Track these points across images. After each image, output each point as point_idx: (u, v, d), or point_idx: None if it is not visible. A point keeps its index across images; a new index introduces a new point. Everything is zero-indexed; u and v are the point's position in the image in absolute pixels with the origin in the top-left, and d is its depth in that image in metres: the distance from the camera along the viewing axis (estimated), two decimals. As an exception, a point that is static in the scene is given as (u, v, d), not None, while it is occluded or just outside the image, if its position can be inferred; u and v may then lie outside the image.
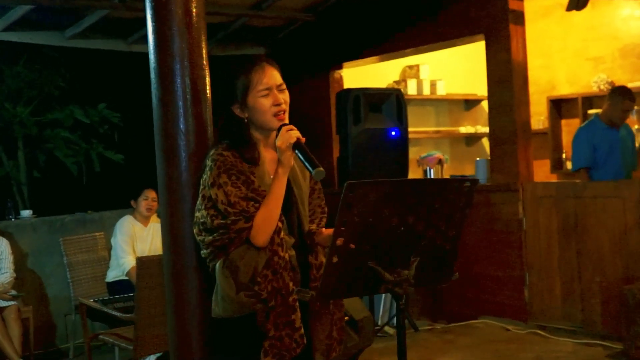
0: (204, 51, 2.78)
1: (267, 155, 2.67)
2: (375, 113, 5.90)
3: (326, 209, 2.81)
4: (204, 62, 2.78)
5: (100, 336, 4.49)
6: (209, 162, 2.57)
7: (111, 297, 5.40)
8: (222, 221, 2.50)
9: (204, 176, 2.57)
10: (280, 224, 2.57)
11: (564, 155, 8.23)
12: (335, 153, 6.67)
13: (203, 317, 2.75)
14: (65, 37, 6.23)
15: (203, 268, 2.72)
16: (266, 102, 2.61)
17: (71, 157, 8.63)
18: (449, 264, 2.48)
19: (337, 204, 2.80)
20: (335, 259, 2.21)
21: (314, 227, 2.76)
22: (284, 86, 2.68)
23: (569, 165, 7.98)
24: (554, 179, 8.21)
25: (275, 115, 2.62)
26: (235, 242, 2.51)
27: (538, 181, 6.66)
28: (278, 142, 2.52)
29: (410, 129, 7.15)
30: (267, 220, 2.52)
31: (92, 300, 5.36)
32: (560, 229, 5.76)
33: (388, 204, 2.24)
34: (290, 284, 2.56)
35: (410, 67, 8.41)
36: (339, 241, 2.21)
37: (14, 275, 5.84)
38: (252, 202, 2.53)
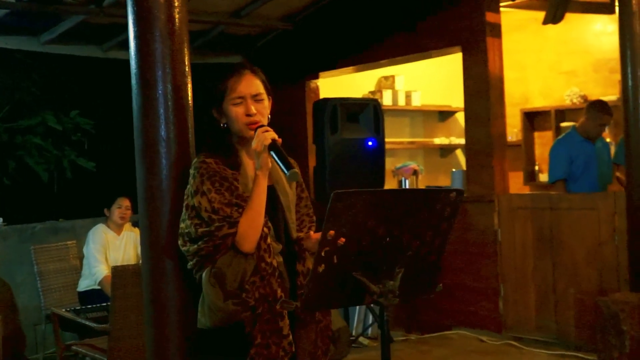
0: (186, 58, 2.74)
1: (250, 162, 2.64)
2: (353, 123, 5.88)
3: (314, 218, 2.78)
4: (186, 69, 2.74)
5: (73, 347, 4.40)
6: (192, 171, 2.55)
7: (83, 307, 5.31)
8: (206, 229, 2.46)
9: (188, 186, 2.55)
10: (266, 230, 2.54)
11: (537, 167, 8.30)
12: (312, 162, 6.64)
13: (183, 329, 2.70)
14: (41, 42, 6.14)
15: (185, 279, 2.67)
16: (238, 111, 2.60)
17: (42, 164, 8.48)
18: (433, 275, 2.46)
19: (314, 213, 2.80)
20: (320, 269, 2.18)
21: (302, 234, 2.74)
22: (263, 96, 2.65)
23: (542, 177, 8.06)
24: (526, 190, 8.27)
25: (247, 125, 2.59)
26: (221, 248, 2.47)
27: (513, 193, 6.69)
28: (254, 145, 2.50)
29: (385, 140, 7.17)
30: (251, 225, 2.48)
31: (63, 310, 5.27)
32: (535, 241, 5.79)
33: (375, 214, 2.22)
34: (278, 291, 2.52)
35: (386, 77, 8.43)
36: (324, 251, 2.18)
37: (-16, 284, 5.72)
38: (236, 208, 2.49)
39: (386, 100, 8.25)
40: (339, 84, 7.67)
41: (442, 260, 2.46)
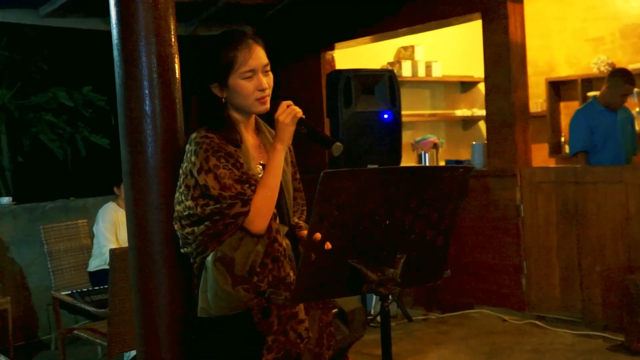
0: (172, 26, 2.54)
1: (250, 139, 2.44)
2: (367, 95, 5.65)
3: (304, 198, 2.58)
4: (172, 38, 2.54)
5: (75, 331, 4.25)
6: (192, 147, 2.32)
7: (93, 289, 5.17)
8: (216, 206, 2.25)
9: (186, 164, 2.32)
10: (275, 210, 2.35)
11: (562, 139, 8.01)
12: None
13: (172, 315, 2.53)
14: (40, 15, 5.92)
15: (175, 265, 2.49)
16: (249, 86, 2.37)
17: (56, 141, 8.36)
18: (440, 261, 2.24)
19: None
20: (311, 257, 1.97)
21: (295, 219, 2.55)
22: (269, 67, 2.44)
23: (567, 149, 7.76)
24: (552, 163, 7.99)
25: (258, 100, 2.38)
26: (230, 228, 2.27)
27: (536, 166, 6.43)
28: (281, 117, 2.32)
29: (404, 112, 6.91)
30: (266, 202, 2.29)
31: (73, 291, 5.13)
32: (559, 216, 5.54)
33: (372, 195, 2.00)
34: (291, 273, 2.34)
35: (405, 48, 8.15)
36: (316, 237, 1.97)
37: (-9, 265, 5.63)
38: (248, 185, 2.29)
39: (405, 71, 7.98)
40: (355, 55, 7.42)
41: (453, 237, 2.24)
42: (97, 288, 5.04)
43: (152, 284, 2.52)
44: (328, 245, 1.98)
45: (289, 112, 2.32)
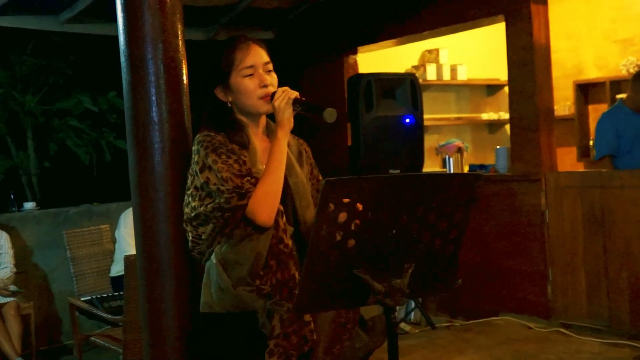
0: (179, 31, 2.51)
1: (258, 143, 2.41)
2: (389, 99, 5.59)
3: None
4: (180, 44, 2.51)
5: (92, 338, 4.25)
6: (195, 147, 2.31)
7: (113, 294, 5.18)
8: (215, 202, 2.23)
9: (192, 166, 2.31)
10: (281, 207, 2.31)
11: (591, 143, 7.85)
12: (350, 142, 6.36)
13: (180, 323, 2.49)
14: (60, 21, 5.95)
15: (182, 270, 2.46)
16: (251, 84, 2.36)
17: (82, 146, 8.42)
18: (450, 270, 2.18)
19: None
20: (315, 267, 1.92)
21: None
22: (271, 66, 2.42)
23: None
24: (580, 167, 7.85)
25: (262, 98, 2.35)
26: (231, 221, 2.24)
27: (563, 170, 6.30)
28: (276, 103, 2.30)
29: (430, 116, 6.85)
30: (269, 192, 2.25)
31: (93, 296, 5.15)
32: (585, 221, 5.42)
33: (376, 204, 1.95)
34: (297, 274, 2.30)
35: (430, 51, 8.07)
36: (320, 246, 1.92)
37: (15, 270, 5.67)
38: (248, 178, 2.25)
39: (430, 74, 7.91)
40: (379, 59, 7.35)
41: (459, 253, 2.18)
42: (117, 294, 5.04)
43: (159, 289, 2.49)
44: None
45: (284, 96, 2.30)
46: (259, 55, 2.38)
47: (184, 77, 2.53)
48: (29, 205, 6.51)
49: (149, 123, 2.45)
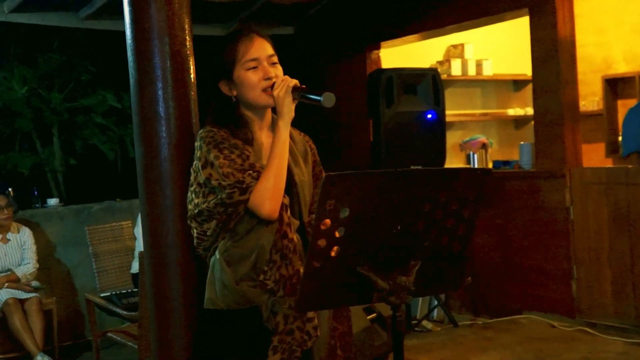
0: (186, 25, 2.48)
1: (264, 139, 2.36)
2: (410, 95, 5.53)
3: None
4: (187, 38, 2.48)
5: (109, 334, 4.25)
6: (197, 143, 2.28)
7: (132, 290, 5.19)
8: (217, 197, 2.20)
9: (195, 162, 2.28)
10: (286, 201, 2.27)
11: (620, 138, 7.70)
12: (372, 139, 6.31)
13: (188, 320, 2.47)
14: (80, 18, 5.95)
15: (189, 267, 2.43)
16: (254, 76, 2.31)
17: (107, 143, 8.47)
18: (458, 268, 2.12)
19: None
20: (316, 264, 1.88)
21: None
22: (276, 59, 2.37)
23: (623, 149, 7.48)
24: (609, 163, 7.69)
25: (265, 90, 2.31)
26: (233, 216, 2.21)
27: (589, 166, 6.19)
28: (275, 92, 2.25)
29: (455, 112, 6.75)
30: (271, 184, 2.20)
31: (112, 292, 5.17)
32: (611, 219, 5.31)
33: (381, 199, 1.90)
34: (301, 270, 2.25)
35: (455, 46, 7.97)
36: (321, 243, 1.88)
37: (37, 265, 5.71)
38: (250, 172, 2.21)
39: (455, 70, 7.79)
40: (403, 54, 7.26)
41: (468, 250, 2.12)
42: (136, 290, 5.05)
43: (166, 286, 2.47)
44: (333, 253, 1.88)
45: (283, 85, 2.25)
46: (263, 48, 2.34)
47: (192, 72, 2.50)
48: (53, 201, 6.55)
49: (155, 118, 2.42)
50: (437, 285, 2.13)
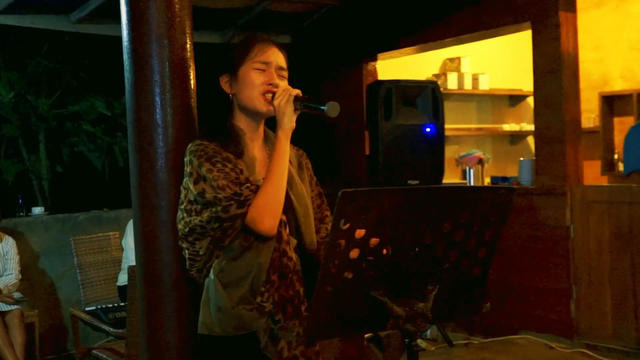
0: (187, 28, 2.33)
1: (256, 153, 2.22)
2: (409, 107, 5.39)
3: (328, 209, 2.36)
4: (188, 42, 2.33)
5: (94, 351, 4.07)
6: (187, 157, 2.14)
7: (119, 305, 5.02)
8: (212, 211, 2.05)
9: (185, 179, 2.14)
10: (284, 218, 2.13)
11: (616, 156, 7.63)
12: (368, 152, 6.17)
13: (181, 342, 2.30)
14: (71, 21, 5.78)
15: (183, 284, 2.27)
16: (258, 77, 2.20)
17: (94, 151, 8.28)
18: (477, 293, 1.98)
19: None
20: (329, 289, 1.72)
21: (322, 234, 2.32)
22: (286, 74, 2.26)
23: (621, 166, 7.38)
24: (604, 181, 7.61)
25: (263, 94, 2.18)
26: (229, 232, 2.07)
27: (588, 184, 6.08)
28: (276, 102, 2.14)
29: (450, 126, 6.63)
30: (271, 198, 2.08)
31: (97, 307, 4.99)
32: (612, 238, 5.20)
33: (398, 219, 1.75)
34: (301, 290, 2.14)
35: (451, 59, 7.88)
36: (334, 265, 1.72)
37: (20, 276, 5.50)
38: (247, 185, 2.08)
39: (451, 83, 7.72)
40: (399, 67, 7.16)
41: (497, 260, 1.98)
42: (123, 304, 4.87)
43: (160, 304, 2.31)
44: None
45: (284, 94, 2.13)
46: (277, 57, 2.24)
47: (192, 79, 2.35)
48: (38, 210, 6.36)
49: (152, 126, 2.26)
50: (455, 311, 1.98)
